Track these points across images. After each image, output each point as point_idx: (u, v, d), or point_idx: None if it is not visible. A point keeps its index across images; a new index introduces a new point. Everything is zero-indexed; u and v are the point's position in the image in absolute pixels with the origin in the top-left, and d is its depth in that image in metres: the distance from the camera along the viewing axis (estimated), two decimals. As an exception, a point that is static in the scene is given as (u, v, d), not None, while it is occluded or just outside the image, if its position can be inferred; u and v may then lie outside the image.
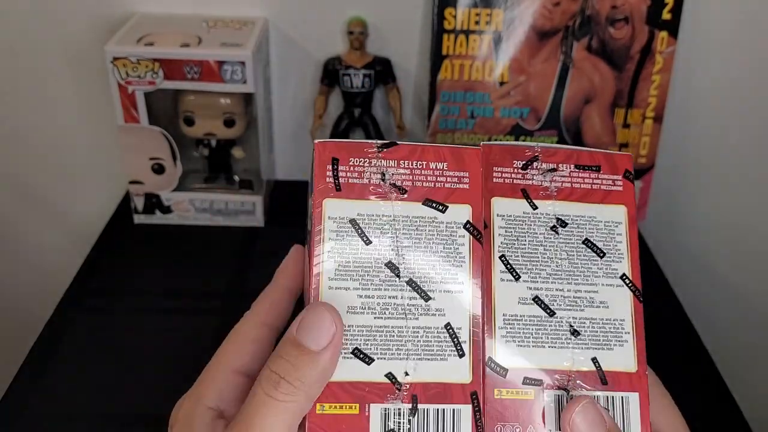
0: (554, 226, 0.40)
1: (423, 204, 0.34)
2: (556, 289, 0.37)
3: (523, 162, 0.40)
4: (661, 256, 0.80)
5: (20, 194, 0.89)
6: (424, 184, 0.34)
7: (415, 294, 0.32)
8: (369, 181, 0.34)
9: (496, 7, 0.73)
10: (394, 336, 0.31)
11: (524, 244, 0.39)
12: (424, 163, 0.34)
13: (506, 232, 0.39)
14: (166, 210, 0.76)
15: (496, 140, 0.78)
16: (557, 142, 0.78)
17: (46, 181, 0.88)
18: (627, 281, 0.40)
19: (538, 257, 0.39)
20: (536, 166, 0.40)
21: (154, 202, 0.76)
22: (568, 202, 0.40)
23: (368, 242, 0.32)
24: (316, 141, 0.34)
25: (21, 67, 0.80)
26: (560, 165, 0.41)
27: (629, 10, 0.74)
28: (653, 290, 0.67)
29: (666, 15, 0.74)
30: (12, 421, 0.55)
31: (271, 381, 0.27)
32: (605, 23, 0.74)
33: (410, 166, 0.34)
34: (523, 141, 0.78)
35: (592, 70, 0.76)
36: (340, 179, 0.33)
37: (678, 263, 0.87)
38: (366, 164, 0.34)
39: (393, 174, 0.34)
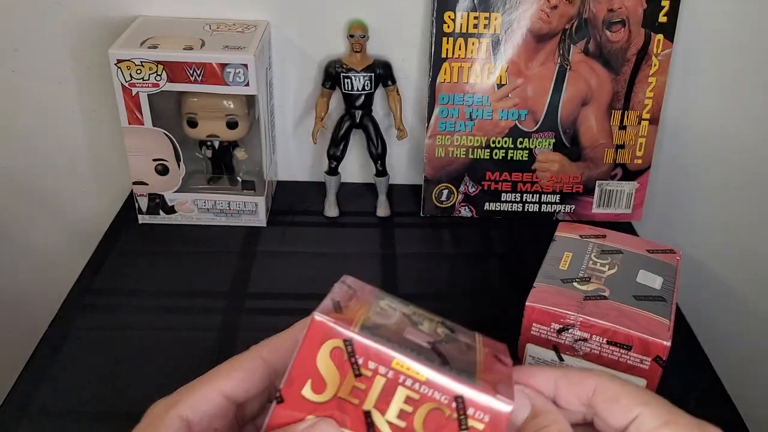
0: None
1: None
2: None
3: (560, 326, 0.44)
4: (658, 256, 0.80)
5: (25, 195, 0.89)
6: None
7: None
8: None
9: (495, 11, 0.74)
10: None
11: None
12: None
13: None
14: (170, 210, 0.77)
15: (494, 142, 0.79)
16: (555, 144, 0.79)
17: (50, 182, 0.88)
18: None
19: None
20: (571, 332, 0.44)
21: (157, 203, 0.77)
22: (592, 363, 0.45)
23: None
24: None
25: (26, 70, 0.81)
26: (593, 337, 0.44)
27: (626, 14, 0.75)
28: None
29: (662, 18, 0.75)
30: (17, 420, 0.55)
31: None
32: (602, 26, 0.75)
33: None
34: (520, 142, 0.79)
35: (589, 72, 0.77)
36: None
37: (674, 263, 0.88)
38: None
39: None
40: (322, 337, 0.29)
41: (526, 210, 0.83)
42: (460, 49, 0.76)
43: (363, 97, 0.78)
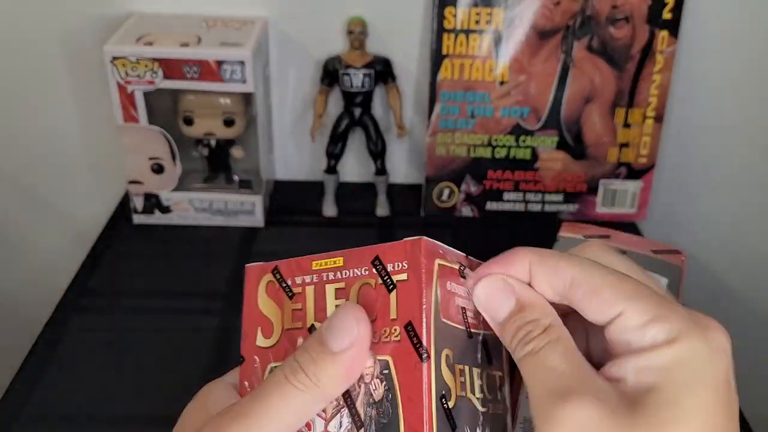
0: None
1: None
2: None
3: None
4: (662, 256, 0.80)
5: (19, 194, 0.89)
6: None
7: None
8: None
9: (497, 7, 0.73)
10: None
11: None
12: None
13: None
14: (166, 210, 0.76)
15: (496, 140, 0.78)
16: (558, 142, 0.78)
17: (45, 181, 0.88)
18: None
19: None
20: None
21: (153, 202, 0.76)
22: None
23: None
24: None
25: (20, 67, 0.80)
26: None
27: (630, 10, 0.74)
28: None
29: (666, 14, 0.74)
30: (11, 421, 0.54)
31: (291, 368, 0.27)
32: (606, 23, 0.74)
33: None
34: (523, 140, 0.78)
35: (592, 69, 0.76)
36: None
37: (679, 263, 0.87)
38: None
39: None
40: (257, 277, 0.31)
41: (528, 209, 0.82)
42: (461, 45, 0.75)
43: (362, 94, 0.77)
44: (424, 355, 0.26)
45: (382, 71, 0.77)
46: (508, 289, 0.27)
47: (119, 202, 0.82)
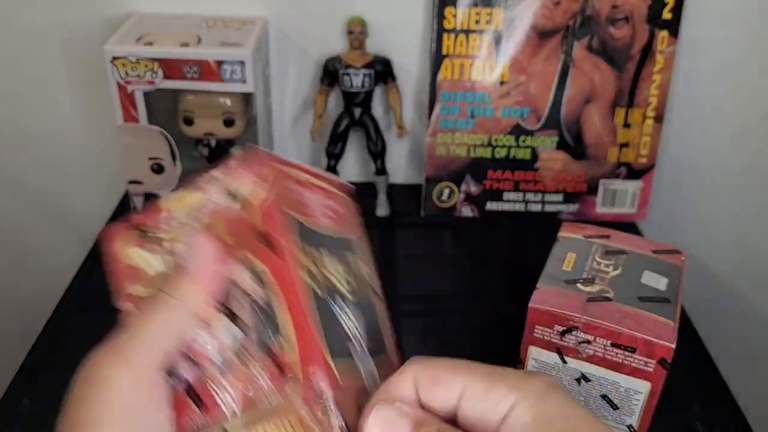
0: (579, 379, 0.46)
1: None
2: None
3: (563, 328, 0.44)
4: (662, 256, 0.79)
5: (19, 194, 0.89)
6: None
7: None
8: None
9: (497, 7, 0.73)
10: None
11: None
12: None
13: (537, 371, 0.46)
14: (166, 210, 0.76)
15: (496, 140, 0.78)
16: (558, 142, 0.78)
17: (45, 181, 0.88)
18: (632, 430, 0.46)
19: None
20: (574, 334, 0.44)
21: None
22: (596, 366, 0.45)
23: None
24: None
25: (20, 67, 0.80)
26: (597, 339, 0.45)
27: (630, 10, 0.74)
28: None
29: (666, 14, 0.74)
30: (11, 421, 0.54)
31: (157, 295, 0.31)
32: (606, 23, 0.74)
33: None
34: (523, 140, 0.78)
35: (592, 69, 0.76)
36: None
37: (679, 263, 0.87)
38: None
39: None
40: (119, 236, 0.34)
41: (528, 210, 0.82)
42: (461, 45, 0.75)
43: (362, 94, 0.77)
44: (288, 253, 0.30)
45: (382, 71, 0.77)
46: (400, 415, 0.28)
47: (119, 202, 0.82)
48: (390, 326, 0.36)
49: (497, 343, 0.55)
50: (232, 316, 0.31)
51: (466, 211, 0.82)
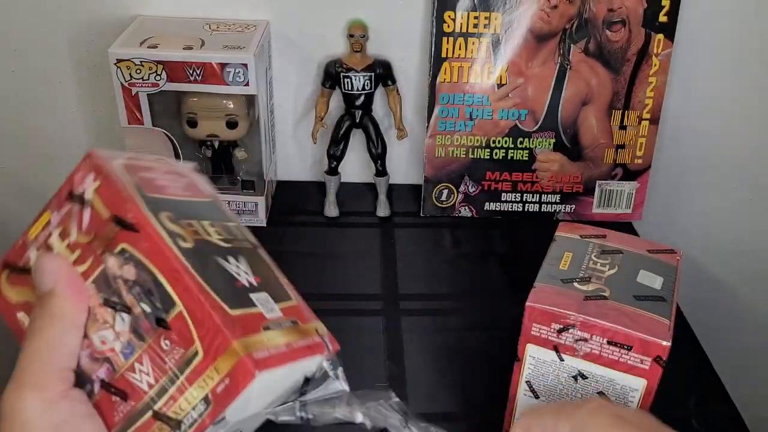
0: (576, 377, 0.47)
1: None
2: None
3: (560, 327, 0.45)
4: (658, 256, 0.80)
5: (24, 196, 0.89)
6: None
7: None
8: None
9: (495, 11, 0.74)
10: None
11: (547, 380, 0.47)
12: None
13: (534, 368, 0.47)
14: (169, 210, 0.77)
15: (494, 142, 0.79)
16: (555, 144, 0.79)
17: (49, 183, 0.87)
18: None
19: (556, 390, 0.47)
20: (571, 332, 0.44)
21: (157, 203, 0.76)
22: (592, 364, 0.46)
23: None
24: None
25: (25, 69, 0.80)
26: (594, 337, 0.45)
27: (626, 14, 0.75)
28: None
29: (662, 18, 0.75)
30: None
31: (32, 318, 0.34)
32: (602, 26, 0.75)
33: None
34: (521, 142, 0.79)
35: (589, 72, 0.77)
36: None
37: (674, 263, 0.88)
38: None
39: None
40: None
41: (526, 210, 0.83)
42: (460, 48, 0.76)
43: (363, 96, 0.78)
44: (143, 223, 0.33)
45: (383, 74, 0.78)
46: None
47: (123, 202, 0.82)
48: (276, 266, 0.40)
49: (495, 341, 0.56)
50: (122, 305, 0.33)
51: (465, 212, 0.83)
